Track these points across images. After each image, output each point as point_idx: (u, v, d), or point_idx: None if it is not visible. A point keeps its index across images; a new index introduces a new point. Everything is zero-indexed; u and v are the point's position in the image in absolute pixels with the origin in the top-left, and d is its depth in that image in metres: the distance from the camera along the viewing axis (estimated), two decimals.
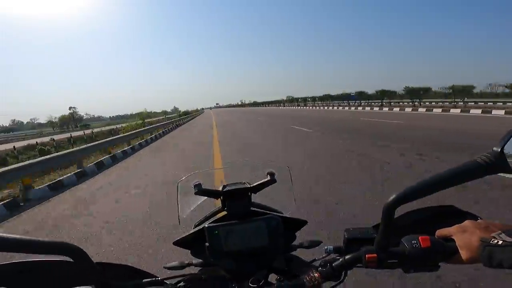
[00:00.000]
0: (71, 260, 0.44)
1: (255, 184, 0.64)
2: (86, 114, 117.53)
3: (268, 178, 0.64)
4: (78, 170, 6.62)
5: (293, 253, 0.65)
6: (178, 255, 1.75)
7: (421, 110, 19.97)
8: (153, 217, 3.33)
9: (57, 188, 5.41)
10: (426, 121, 12.03)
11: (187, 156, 8.05)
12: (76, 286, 0.46)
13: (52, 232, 3.32)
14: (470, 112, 15.86)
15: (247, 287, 0.53)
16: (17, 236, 0.40)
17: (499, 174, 0.42)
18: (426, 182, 0.44)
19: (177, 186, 0.69)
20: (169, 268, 0.61)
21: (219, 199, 0.65)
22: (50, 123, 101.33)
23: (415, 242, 0.45)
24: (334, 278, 0.51)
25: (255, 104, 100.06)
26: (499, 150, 0.41)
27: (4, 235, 0.39)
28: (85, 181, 5.98)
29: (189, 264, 0.63)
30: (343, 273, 0.52)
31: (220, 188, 0.64)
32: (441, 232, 0.47)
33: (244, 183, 0.65)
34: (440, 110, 18.30)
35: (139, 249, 2.62)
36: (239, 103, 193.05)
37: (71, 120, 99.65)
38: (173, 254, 2.33)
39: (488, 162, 0.41)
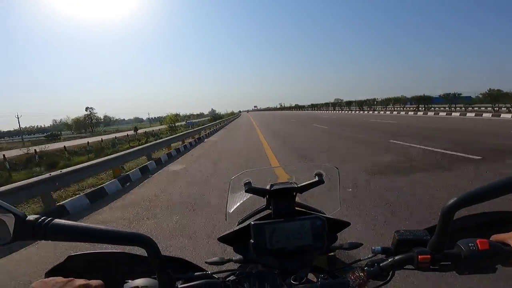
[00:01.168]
0: (138, 252, 0.48)
1: (302, 184, 0.66)
2: (105, 116, 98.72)
3: (316, 179, 0.66)
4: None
5: (333, 254, 0.67)
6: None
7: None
8: None
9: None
10: None
11: None
12: (138, 278, 0.48)
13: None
14: None
15: (290, 284, 0.54)
16: (92, 226, 0.42)
17: None
18: (486, 188, 0.44)
19: (229, 183, 0.72)
20: (210, 263, 0.63)
21: (265, 197, 0.67)
22: (66, 126, 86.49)
23: (472, 245, 0.46)
24: (380, 278, 0.51)
25: (297, 107, 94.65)
26: None
27: (80, 224, 0.41)
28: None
29: (230, 260, 0.64)
30: (390, 274, 0.51)
31: (268, 187, 0.66)
32: (496, 237, 0.48)
33: (291, 183, 0.67)
34: None
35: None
36: (278, 106, 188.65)
37: (88, 123, 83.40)
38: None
39: None
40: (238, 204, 0.75)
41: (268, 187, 0.66)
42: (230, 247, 0.66)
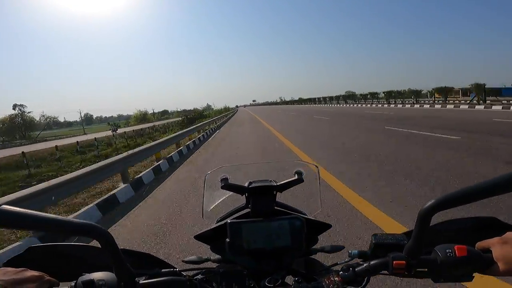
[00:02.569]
0: (96, 245, 0.46)
1: (281, 183, 0.65)
2: (45, 116, 68.83)
3: (296, 177, 0.65)
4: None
5: (314, 256, 0.66)
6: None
7: None
8: None
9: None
10: None
11: None
12: (96, 271, 0.48)
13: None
14: None
15: (264, 286, 0.54)
16: (48, 215, 0.41)
17: None
18: (465, 191, 0.43)
19: (205, 178, 0.71)
20: (187, 262, 0.63)
21: (244, 195, 0.66)
22: None
23: (450, 251, 0.45)
24: (355, 283, 0.51)
25: (300, 101, 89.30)
26: None
27: (35, 213, 0.40)
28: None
29: (208, 259, 0.64)
30: (365, 279, 0.51)
31: (246, 184, 0.65)
32: (481, 244, 0.47)
33: (271, 181, 0.66)
34: None
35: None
36: (278, 100, 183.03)
37: (19, 125, 59.83)
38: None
39: None
40: (218, 201, 0.73)
41: (246, 185, 0.65)
42: None
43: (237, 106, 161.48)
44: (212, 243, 0.65)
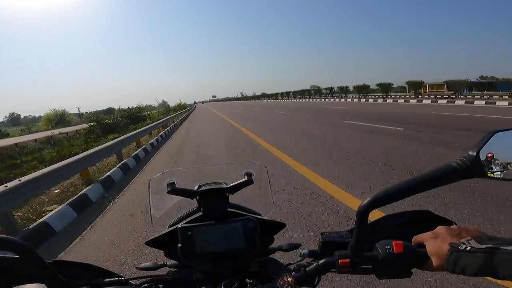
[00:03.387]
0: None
1: (231, 185, 0.65)
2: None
3: (245, 178, 0.65)
4: None
5: (272, 256, 0.66)
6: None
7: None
8: None
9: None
10: None
11: None
12: (28, 283, 0.46)
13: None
14: None
15: None
16: None
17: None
18: (401, 186, 0.44)
19: (149, 184, 0.69)
20: (142, 269, 0.61)
21: (195, 199, 0.65)
22: None
23: (389, 247, 0.46)
24: (307, 283, 0.52)
25: (264, 96, 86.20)
26: (475, 154, 0.41)
27: None
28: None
29: (163, 265, 0.63)
30: (317, 278, 0.52)
31: (195, 188, 0.64)
32: (416, 238, 0.48)
33: (221, 183, 0.65)
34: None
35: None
36: (239, 95, 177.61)
37: None
38: None
39: (463, 166, 0.42)
40: (168, 206, 0.71)
41: (195, 188, 0.64)
42: None
43: (195, 102, 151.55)
44: (165, 248, 0.64)
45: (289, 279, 0.51)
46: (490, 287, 1.71)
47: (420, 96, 25.89)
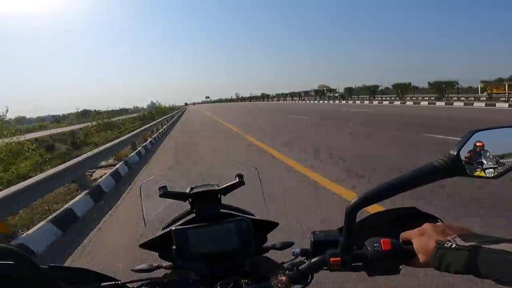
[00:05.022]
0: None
1: (223, 186, 0.66)
2: None
3: (237, 180, 0.66)
4: None
5: (266, 254, 0.68)
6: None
7: None
8: None
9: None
10: None
11: None
12: None
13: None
14: None
15: None
16: None
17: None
18: (386, 185, 0.46)
19: (140, 189, 0.71)
20: (137, 271, 0.62)
21: (188, 201, 0.66)
22: None
23: (377, 245, 0.48)
24: (301, 281, 0.53)
25: (263, 97, 76.33)
26: (455, 153, 0.43)
27: None
28: None
29: (159, 267, 0.63)
30: (309, 276, 0.54)
31: (188, 190, 0.65)
32: (403, 235, 0.50)
33: (213, 185, 0.67)
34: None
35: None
36: (234, 96, 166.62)
37: None
38: None
39: (445, 165, 0.43)
40: (160, 209, 0.73)
41: (187, 190, 0.65)
42: None
43: (186, 104, 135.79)
44: (160, 250, 0.65)
45: (283, 278, 0.52)
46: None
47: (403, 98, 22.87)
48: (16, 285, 0.45)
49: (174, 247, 0.58)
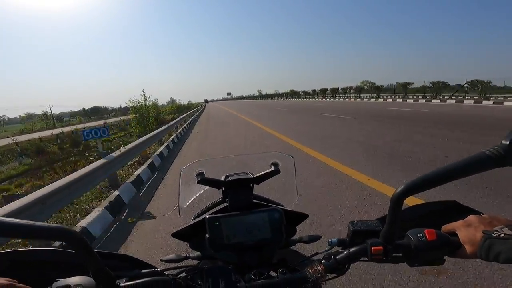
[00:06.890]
0: (68, 249, 0.45)
1: (258, 175, 0.66)
2: None
3: (272, 168, 0.66)
4: None
5: (293, 247, 0.68)
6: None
7: None
8: None
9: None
10: None
11: None
12: (73, 276, 0.46)
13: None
14: None
15: (249, 280, 0.54)
16: (15, 220, 0.39)
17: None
18: (434, 174, 0.45)
19: (180, 174, 0.71)
20: (166, 261, 0.63)
21: (221, 189, 0.67)
22: None
23: (421, 235, 0.47)
24: (337, 271, 0.53)
25: (292, 94, 68.87)
26: (508, 143, 0.42)
27: (2, 218, 0.38)
28: None
29: (187, 257, 0.64)
30: (346, 266, 0.53)
31: (223, 178, 0.65)
32: (446, 227, 0.50)
33: (247, 173, 0.67)
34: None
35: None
36: (256, 93, 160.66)
37: None
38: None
39: (497, 154, 0.42)
40: (193, 197, 0.74)
41: (222, 178, 0.66)
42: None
43: (206, 101, 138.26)
44: (190, 240, 0.65)
45: (319, 267, 0.52)
46: None
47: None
48: (71, 269, 0.47)
49: (207, 235, 0.59)
